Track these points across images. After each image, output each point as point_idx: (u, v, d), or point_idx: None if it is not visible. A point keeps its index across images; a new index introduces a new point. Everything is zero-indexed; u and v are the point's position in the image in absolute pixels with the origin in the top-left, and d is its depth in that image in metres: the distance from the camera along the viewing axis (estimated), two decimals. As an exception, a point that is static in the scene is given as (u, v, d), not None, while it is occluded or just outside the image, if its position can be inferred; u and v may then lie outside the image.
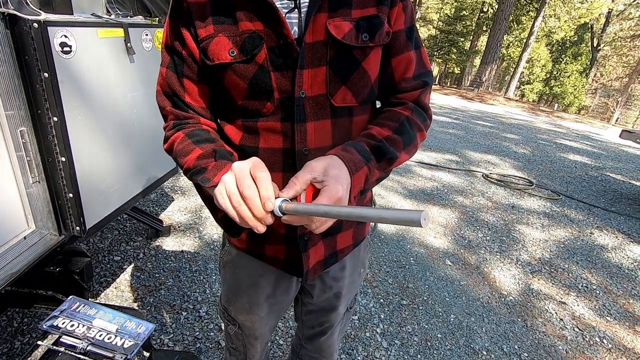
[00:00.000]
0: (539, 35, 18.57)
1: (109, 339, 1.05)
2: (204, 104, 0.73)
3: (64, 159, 1.32)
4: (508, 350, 1.90)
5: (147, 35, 1.68)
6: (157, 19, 2.20)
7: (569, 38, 19.88)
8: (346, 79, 0.67)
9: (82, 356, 0.95)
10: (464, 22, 21.78)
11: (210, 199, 0.70)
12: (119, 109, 1.57)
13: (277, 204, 0.53)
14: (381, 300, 2.15)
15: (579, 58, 19.82)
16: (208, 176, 0.63)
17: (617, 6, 20.42)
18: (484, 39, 19.36)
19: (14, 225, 1.37)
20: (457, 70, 24.88)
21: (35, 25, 1.14)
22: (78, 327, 1.07)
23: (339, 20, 0.63)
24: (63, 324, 1.07)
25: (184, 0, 0.65)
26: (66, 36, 1.23)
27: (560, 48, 20.50)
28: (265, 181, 0.53)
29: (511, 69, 21.04)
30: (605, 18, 21.12)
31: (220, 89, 0.70)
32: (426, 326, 2.00)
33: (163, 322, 1.80)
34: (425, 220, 0.38)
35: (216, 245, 2.48)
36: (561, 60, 20.15)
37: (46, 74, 1.20)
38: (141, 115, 1.72)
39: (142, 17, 1.86)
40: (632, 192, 4.54)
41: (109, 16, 1.54)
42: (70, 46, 1.25)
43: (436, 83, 22.46)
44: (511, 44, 21.66)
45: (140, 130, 1.74)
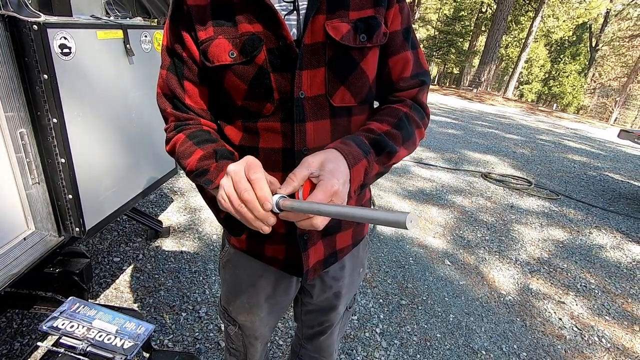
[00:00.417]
0: (537, 36, 18.61)
1: (108, 339, 1.06)
2: (204, 105, 0.74)
3: (63, 160, 1.32)
4: (507, 350, 1.90)
5: (146, 36, 1.68)
6: (156, 21, 2.21)
7: (567, 38, 19.93)
8: (345, 80, 0.68)
9: (82, 357, 0.95)
10: (462, 23, 21.83)
11: (212, 199, 0.71)
12: (118, 111, 1.57)
13: (275, 200, 0.53)
14: (380, 300, 2.15)
15: (577, 58, 19.87)
16: (210, 177, 0.63)
17: (616, 6, 20.47)
18: (482, 39, 19.41)
19: (13, 227, 1.37)
20: (456, 71, 24.91)
21: (35, 27, 1.15)
22: (78, 328, 1.07)
23: (337, 22, 0.64)
24: (63, 325, 1.07)
25: (184, 2, 0.65)
26: (65, 38, 1.23)
27: (558, 48, 20.54)
28: (260, 182, 0.53)
29: (510, 69, 21.08)
30: (603, 18, 21.17)
31: (221, 91, 0.70)
32: (425, 326, 2.00)
33: (163, 323, 1.80)
34: (411, 222, 0.38)
35: (215, 245, 2.48)
36: (560, 60, 20.19)
37: (46, 76, 1.20)
38: (140, 117, 1.73)
39: (141, 19, 1.86)
40: (631, 191, 4.55)
41: (108, 18, 1.55)
42: (70, 48, 1.26)
43: (435, 83, 22.50)
44: (510, 44, 21.71)
45: (140, 131, 1.74)
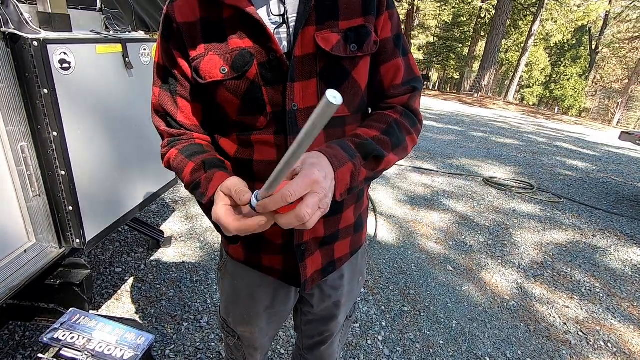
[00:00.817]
0: (537, 40, 18.67)
1: (108, 350, 1.06)
2: (197, 121, 0.75)
3: (63, 172, 1.34)
4: (511, 356, 1.88)
5: (145, 49, 1.71)
6: (156, 34, 2.24)
7: (567, 41, 19.96)
8: (337, 90, 0.68)
9: (81, 368, 0.96)
10: (461, 28, 21.95)
11: (209, 209, 0.71)
12: (117, 123, 1.59)
13: (254, 196, 0.51)
14: (382, 308, 2.14)
15: (578, 61, 19.87)
16: (202, 190, 0.64)
17: (614, 9, 20.53)
18: (482, 45, 19.48)
19: (14, 239, 1.39)
20: (456, 76, 24.99)
21: (35, 43, 1.17)
22: (78, 339, 1.07)
23: (327, 33, 0.65)
24: (63, 336, 1.08)
25: (174, 20, 0.66)
26: (65, 53, 1.26)
27: (559, 51, 20.57)
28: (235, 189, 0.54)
29: (510, 73, 21.11)
30: (603, 21, 21.22)
31: (214, 106, 0.71)
32: (428, 333, 1.99)
33: (164, 333, 1.80)
34: (334, 98, 0.33)
35: (217, 255, 2.49)
36: (560, 63, 20.20)
37: (46, 90, 1.22)
38: (140, 128, 1.75)
39: (141, 32, 1.89)
40: (634, 193, 4.52)
41: (108, 32, 1.58)
42: (70, 62, 1.28)
43: (436, 89, 22.56)
44: (509, 48, 21.77)
45: (139, 142, 1.76)
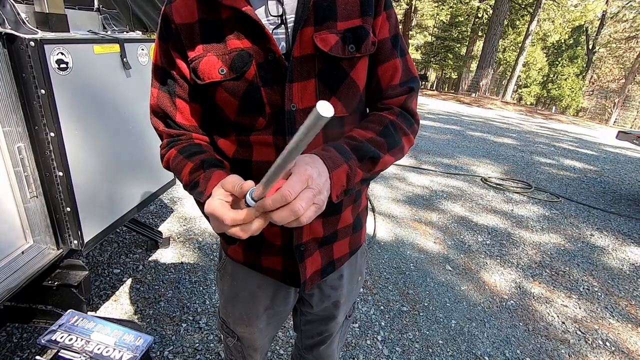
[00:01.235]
0: (534, 39, 18.73)
1: (107, 352, 1.05)
2: (196, 122, 0.75)
3: (61, 173, 1.33)
4: (510, 355, 1.88)
5: (143, 50, 1.70)
6: (154, 34, 2.24)
7: (564, 41, 20.03)
8: (335, 90, 0.68)
9: (80, 370, 0.95)
10: (459, 28, 21.97)
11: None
12: (115, 123, 1.59)
13: (249, 194, 0.50)
14: (381, 308, 2.14)
15: (575, 61, 19.93)
16: (200, 189, 0.63)
17: (611, 8, 20.61)
18: (479, 44, 19.51)
19: (12, 240, 1.38)
20: (454, 76, 25.02)
21: (32, 43, 1.16)
22: (76, 341, 1.07)
23: (325, 33, 0.64)
24: (61, 338, 1.07)
25: (172, 21, 0.66)
26: (62, 53, 1.25)
27: (556, 51, 20.63)
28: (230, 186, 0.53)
29: (508, 73, 21.17)
30: (599, 21, 21.30)
31: (213, 107, 0.71)
32: (427, 332, 1.99)
33: (163, 334, 1.79)
34: (325, 109, 0.32)
35: (216, 255, 2.48)
36: (557, 63, 20.26)
37: (43, 91, 1.22)
38: (138, 129, 1.74)
39: (139, 33, 1.89)
40: (632, 192, 4.54)
41: (105, 32, 1.57)
42: (67, 63, 1.27)
43: (433, 89, 22.60)
44: (507, 48, 21.82)
45: (137, 143, 1.76)
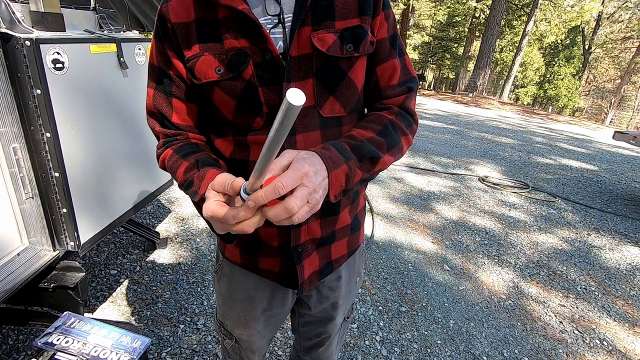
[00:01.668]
0: (531, 40, 18.79)
1: (104, 354, 1.05)
2: (192, 122, 0.74)
3: (57, 174, 1.32)
4: (508, 355, 1.89)
5: (140, 49, 1.69)
6: (151, 33, 2.22)
7: (561, 41, 20.11)
8: (333, 90, 0.68)
9: (76, 373, 0.94)
10: (456, 28, 22.01)
11: (202, 207, 0.70)
12: (112, 124, 1.58)
13: (242, 189, 0.50)
14: (380, 308, 2.14)
15: (571, 61, 20.03)
16: (194, 188, 0.62)
17: (607, 9, 20.71)
18: (477, 44, 19.56)
19: (7, 242, 1.37)
20: (451, 76, 25.08)
21: (28, 43, 1.15)
22: (73, 343, 1.06)
23: (323, 33, 0.64)
24: (58, 340, 1.06)
25: (168, 21, 0.65)
26: (58, 53, 1.24)
27: (552, 51, 20.73)
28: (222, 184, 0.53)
29: (505, 73, 21.23)
30: (595, 21, 21.40)
31: (210, 107, 0.70)
32: (426, 332, 1.99)
33: (160, 336, 1.78)
34: (296, 97, 0.33)
35: (213, 256, 2.47)
36: (554, 63, 20.35)
37: (38, 91, 1.20)
38: (135, 129, 1.73)
39: (137, 32, 1.88)
40: (628, 192, 4.56)
41: (102, 32, 1.56)
42: (63, 62, 1.26)
43: (431, 88, 22.64)
44: (504, 48, 21.89)
45: (134, 143, 1.74)
